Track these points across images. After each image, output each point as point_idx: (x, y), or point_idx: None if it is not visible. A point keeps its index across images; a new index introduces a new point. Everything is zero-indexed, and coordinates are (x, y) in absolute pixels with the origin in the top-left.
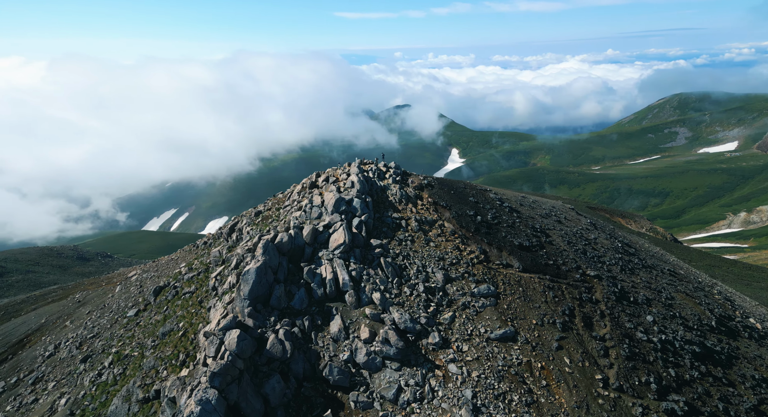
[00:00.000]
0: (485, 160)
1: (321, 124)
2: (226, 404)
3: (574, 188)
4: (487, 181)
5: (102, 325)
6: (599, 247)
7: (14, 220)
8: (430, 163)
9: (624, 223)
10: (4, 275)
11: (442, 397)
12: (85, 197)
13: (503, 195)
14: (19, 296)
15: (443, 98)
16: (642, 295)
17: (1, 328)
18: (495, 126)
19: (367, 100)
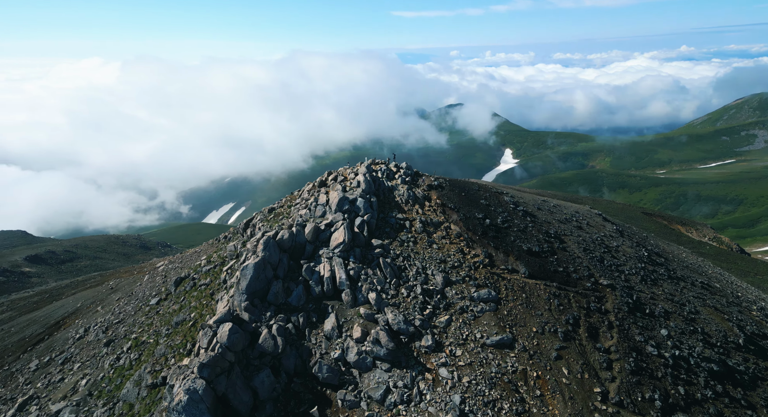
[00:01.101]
0: (540, 161)
1: (372, 122)
2: (213, 395)
3: (635, 193)
4: (540, 182)
5: (127, 311)
6: (620, 255)
7: (90, 210)
8: (481, 163)
9: (684, 231)
10: (75, 260)
11: (430, 400)
12: (153, 190)
13: (520, 198)
14: (63, 281)
15: (499, 97)
16: (660, 308)
17: (44, 310)
18: (553, 126)
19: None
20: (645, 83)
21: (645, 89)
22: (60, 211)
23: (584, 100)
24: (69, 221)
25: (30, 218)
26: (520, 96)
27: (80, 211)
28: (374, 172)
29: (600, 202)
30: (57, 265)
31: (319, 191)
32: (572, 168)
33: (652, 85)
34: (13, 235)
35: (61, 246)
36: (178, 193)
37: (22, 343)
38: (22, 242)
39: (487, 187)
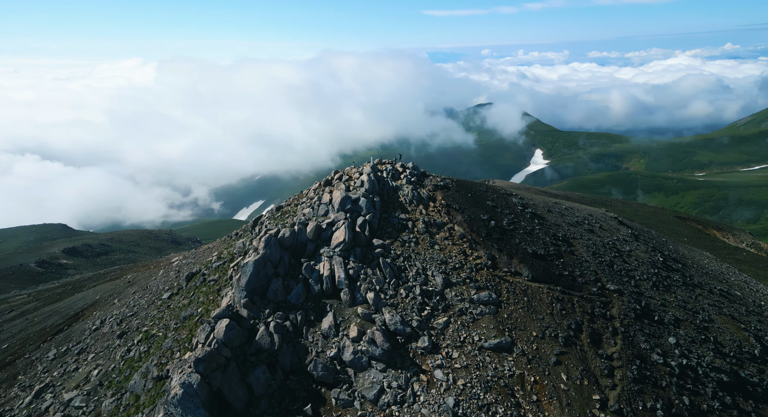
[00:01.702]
0: (571, 162)
1: (400, 122)
2: (208, 389)
3: (671, 196)
4: (571, 184)
5: (140, 305)
6: (632, 260)
7: (128, 205)
8: (510, 163)
9: (720, 236)
10: (109, 254)
11: (424, 402)
12: (187, 186)
13: (529, 200)
14: (86, 274)
15: (530, 96)
16: (670, 315)
17: (65, 302)
18: (586, 126)
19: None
20: (686, 82)
21: (686, 88)
22: (100, 205)
23: (620, 100)
24: (108, 216)
25: (72, 212)
26: (553, 95)
27: (119, 206)
28: (379, 172)
29: (630, 204)
30: (92, 257)
31: (323, 190)
32: (605, 169)
33: (693, 85)
34: (53, 228)
35: (97, 239)
36: (210, 190)
37: (43, 332)
38: (62, 235)
39: (496, 188)
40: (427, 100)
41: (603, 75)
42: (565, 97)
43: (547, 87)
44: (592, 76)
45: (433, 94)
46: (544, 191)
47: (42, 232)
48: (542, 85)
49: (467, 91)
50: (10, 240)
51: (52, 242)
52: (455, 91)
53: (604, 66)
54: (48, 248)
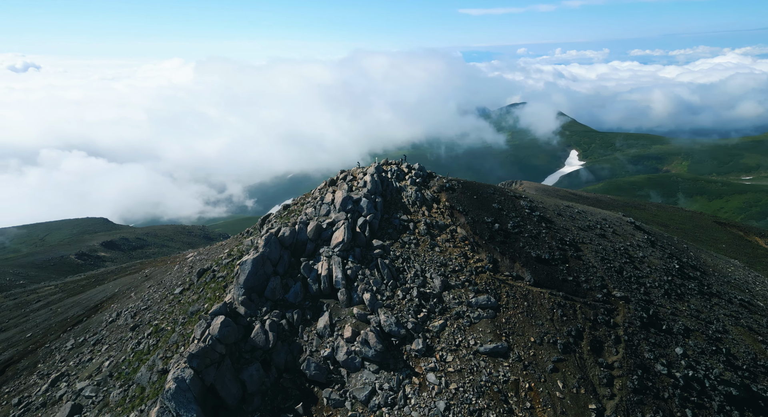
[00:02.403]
0: (608, 163)
1: (431, 121)
2: (201, 385)
3: (714, 200)
4: (607, 186)
5: (154, 299)
6: (644, 266)
7: (166, 201)
8: (544, 164)
9: (762, 243)
10: (144, 247)
11: (414, 405)
12: (222, 184)
13: (539, 203)
14: (110, 267)
15: (567, 96)
16: (680, 324)
17: (87, 294)
18: (626, 127)
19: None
20: (735, 81)
21: (734, 88)
22: (140, 201)
23: (663, 100)
24: (147, 211)
25: (114, 207)
26: (591, 95)
27: (157, 201)
28: (384, 173)
29: (666, 208)
30: (129, 251)
31: (327, 190)
32: (644, 172)
33: (742, 84)
34: (95, 221)
35: (134, 233)
36: (244, 188)
37: (63, 323)
38: (102, 228)
39: (504, 190)
40: (459, 99)
41: (645, 74)
42: (604, 96)
43: (584, 86)
44: (633, 74)
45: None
46: (573, 193)
47: (85, 225)
48: (579, 84)
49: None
50: (56, 232)
51: (92, 235)
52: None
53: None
54: (88, 241)
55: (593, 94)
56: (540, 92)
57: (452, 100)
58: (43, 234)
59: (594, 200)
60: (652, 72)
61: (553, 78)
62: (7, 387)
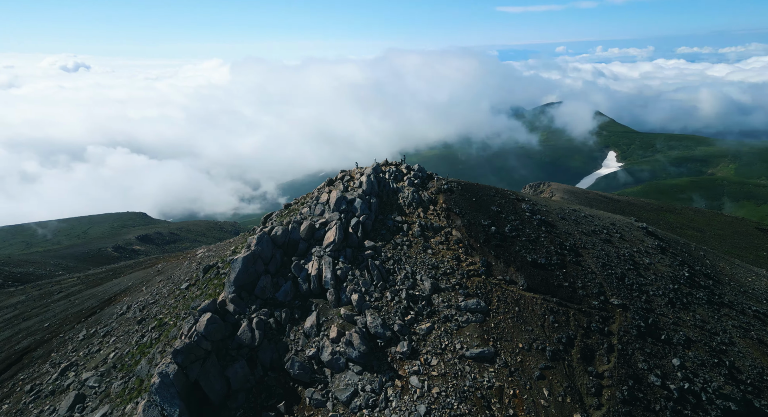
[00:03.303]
0: (648, 165)
1: (464, 121)
2: (186, 380)
3: (762, 205)
4: (647, 189)
5: (162, 293)
6: (649, 274)
7: (203, 197)
8: (579, 166)
9: None
10: (177, 242)
11: (395, 408)
12: (256, 181)
13: (541, 207)
14: (128, 261)
15: (606, 95)
16: (681, 335)
17: (104, 286)
18: (670, 127)
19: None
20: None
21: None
22: (178, 196)
23: (711, 100)
24: (185, 206)
25: (153, 202)
26: (633, 94)
27: (195, 197)
28: (382, 174)
29: (704, 213)
30: (162, 245)
31: (322, 190)
32: (687, 174)
33: None
34: (134, 216)
35: (168, 228)
36: (277, 185)
37: (79, 314)
38: (140, 222)
39: (505, 193)
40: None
41: (692, 72)
42: (647, 96)
43: (626, 85)
44: (679, 73)
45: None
46: (604, 196)
47: (124, 219)
48: (621, 83)
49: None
50: (98, 225)
51: (130, 229)
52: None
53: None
54: (125, 234)
55: (635, 93)
56: (578, 91)
57: (486, 100)
58: (86, 227)
59: (625, 203)
60: (699, 70)
61: (593, 77)
62: (22, 374)
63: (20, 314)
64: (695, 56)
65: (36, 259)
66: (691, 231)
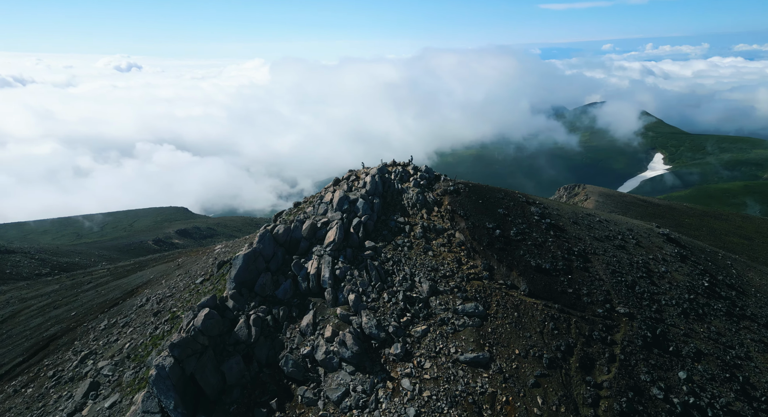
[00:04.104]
0: (697, 168)
1: (501, 121)
2: (181, 373)
3: None
4: (695, 193)
5: (178, 287)
6: (663, 282)
7: (242, 193)
8: (623, 168)
9: None
10: (213, 236)
11: (385, 409)
12: (293, 178)
13: (552, 211)
14: (153, 255)
15: (654, 95)
16: (692, 347)
17: (128, 278)
18: (724, 129)
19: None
20: None
21: None
22: (219, 192)
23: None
24: (226, 202)
25: (195, 197)
26: (685, 94)
27: (235, 194)
28: (388, 174)
29: (753, 220)
30: (199, 239)
31: (328, 190)
32: (741, 178)
33: None
34: (176, 210)
35: (206, 223)
36: (314, 183)
37: (103, 305)
38: (181, 217)
39: (515, 195)
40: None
41: (750, 70)
42: (700, 95)
43: (677, 84)
44: (736, 71)
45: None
46: (643, 200)
47: (167, 213)
48: (671, 82)
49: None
50: (142, 219)
51: (171, 223)
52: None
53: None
54: (166, 228)
55: (687, 92)
56: (624, 90)
57: (525, 99)
58: (132, 220)
59: (666, 208)
60: (759, 69)
61: (640, 75)
62: (47, 360)
63: (52, 302)
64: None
65: (82, 250)
66: (737, 238)
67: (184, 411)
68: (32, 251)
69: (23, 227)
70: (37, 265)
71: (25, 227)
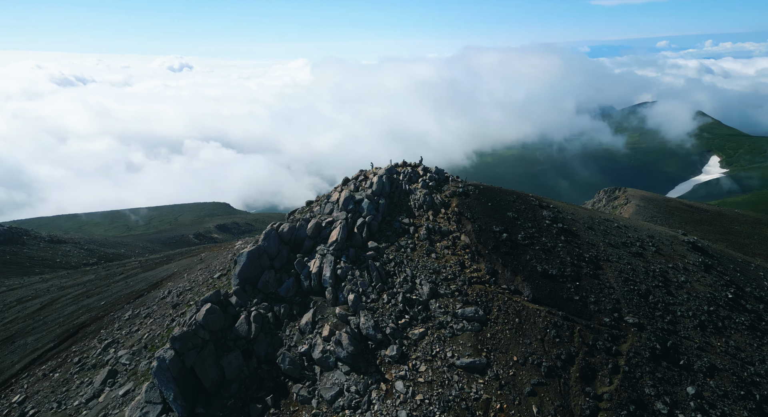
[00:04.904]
0: (758, 172)
1: (544, 121)
2: (182, 366)
3: None
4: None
5: (198, 281)
6: (681, 292)
7: (283, 191)
8: (674, 171)
9: None
10: (251, 232)
11: (376, 411)
12: (332, 177)
13: (567, 215)
14: (180, 249)
15: (712, 94)
16: (705, 361)
17: (155, 271)
18: None
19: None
20: None
21: None
22: (261, 189)
23: None
24: (267, 199)
25: (238, 193)
26: (747, 93)
27: (276, 191)
28: (397, 174)
29: None
30: (237, 234)
31: (337, 189)
32: None
33: None
34: (219, 206)
35: (245, 219)
36: None
37: (130, 296)
38: (222, 212)
39: (527, 198)
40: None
41: None
42: (763, 95)
43: (738, 83)
44: None
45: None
46: (689, 205)
47: (210, 208)
48: (732, 81)
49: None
50: (187, 213)
51: (211, 218)
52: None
53: None
54: (207, 223)
55: (749, 92)
56: (678, 90)
57: (569, 98)
58: (177, 214)
59: (715, 214)
60: None
61: (698, 74)
62: (75, 347)
63: (86, 292)
64: None
65: (128, 242)
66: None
67: (183, 403)
68: (82, 242)
69: (76, 219)
70: (86, 255)
71: (77, 219)
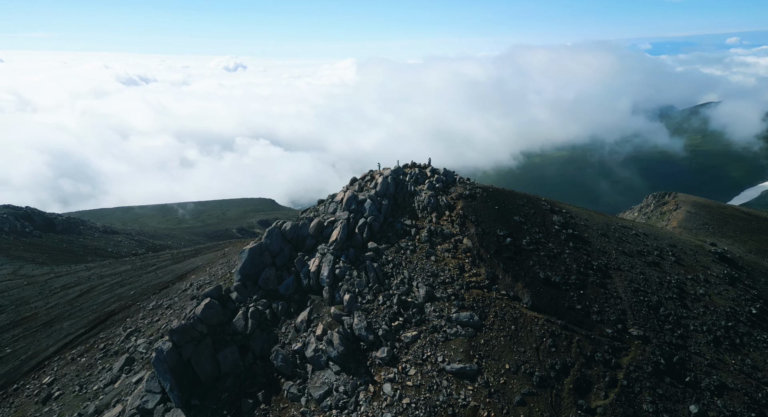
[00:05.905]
0: None
1: (595, 121)
2: (179, 358)
3: None
4: None
5: (218, 275)
6: (698, 306)
7: (328, 188)
8: (740, 176)
9: None
10: None
11: (363, 412)
12: None
13: (579, 221)
14: (207, 243)
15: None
16: (714, 379)
17: (182, 264)
18: None
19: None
20: None
21: None
22: (306, 186)
23: None
24: (312, 196)
25: (284, 190)
26: None
27: (321, 188)
28: (403, 176)
29: None
30: None
31: (344, 189)
32: None
33: None
34: (263, 202)
35: (287, 215)
36: None
37: (156, 287)
38: (267, 208)
39: (538, 202)
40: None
41: None
42: None
43: None
44: None
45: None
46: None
47: (256, 204)
48: None
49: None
50: (234, 208)
51: (256, 213)
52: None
53: None
54: (250, 218)
55: None
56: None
57: (625, 98)
58: (225, 209)
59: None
60: None
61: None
62: (103, 333)
63: (120, 281)
64: None
65: (176, 235)
66: None
67: (179, 393)
68: (133, 233)
69: (131, 211)
70: (135, 246)
71: (132, 211)
